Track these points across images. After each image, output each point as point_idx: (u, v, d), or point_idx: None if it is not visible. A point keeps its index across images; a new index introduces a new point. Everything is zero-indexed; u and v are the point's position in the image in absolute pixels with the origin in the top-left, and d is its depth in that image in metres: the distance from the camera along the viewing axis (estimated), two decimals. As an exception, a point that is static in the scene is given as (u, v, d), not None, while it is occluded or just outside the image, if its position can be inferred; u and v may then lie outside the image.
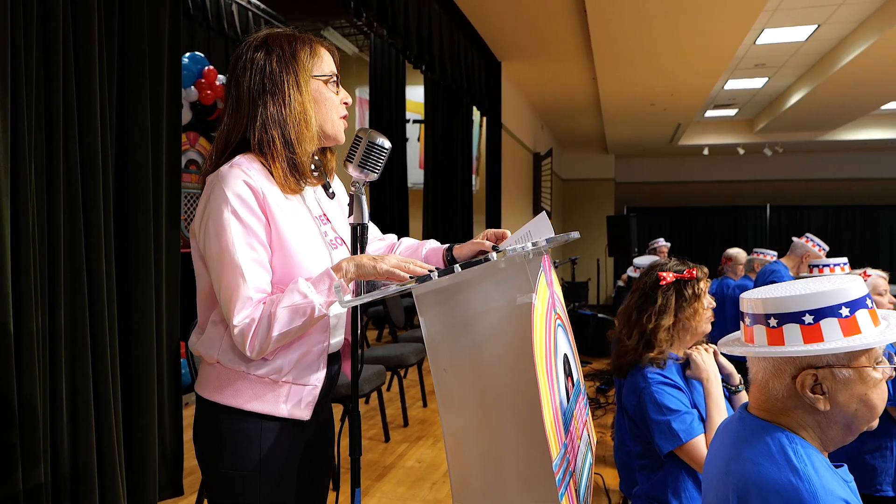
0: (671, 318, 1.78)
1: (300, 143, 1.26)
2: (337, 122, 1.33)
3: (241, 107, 1.28)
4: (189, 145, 4.68)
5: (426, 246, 1.49)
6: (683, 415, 1.67)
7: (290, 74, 1.27)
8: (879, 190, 14.07)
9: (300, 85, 1.27)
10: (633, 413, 1.79)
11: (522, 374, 1.07)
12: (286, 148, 1.25)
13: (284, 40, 1.30)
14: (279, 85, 1.26)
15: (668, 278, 1.79)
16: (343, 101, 1.34)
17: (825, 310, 0.98)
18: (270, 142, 1.25)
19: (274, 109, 1.25)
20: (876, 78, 7.67)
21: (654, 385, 1.72)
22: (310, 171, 1.29)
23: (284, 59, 1.27)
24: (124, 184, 2.50)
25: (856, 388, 0.98)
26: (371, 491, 3.00)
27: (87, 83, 2.24)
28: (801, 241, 4.51)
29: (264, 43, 1.29)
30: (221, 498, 1.29)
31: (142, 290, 2.52)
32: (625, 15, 5.61)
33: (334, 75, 1.33)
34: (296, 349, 1.27)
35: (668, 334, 1.78)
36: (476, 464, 1.15)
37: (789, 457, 0.97)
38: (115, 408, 2.37)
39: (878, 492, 2.33)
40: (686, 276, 1.80)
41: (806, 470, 0.95)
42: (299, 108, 1.26)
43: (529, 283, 1.12)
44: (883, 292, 2.65)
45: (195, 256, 1.30)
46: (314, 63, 1.30)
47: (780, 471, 0.96)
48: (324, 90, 1.31)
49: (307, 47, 1.30)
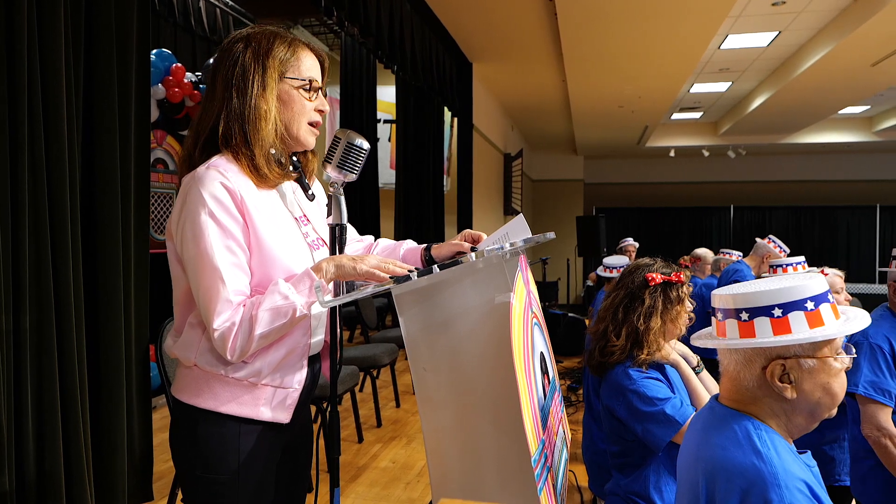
0: (659, 321, 1.80)
1: (256, 141, 1.24)
2: (304, 128, 1.31)
3: (213, 97, 1.28)
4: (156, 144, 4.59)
5: (404, 246, 1.49)
6: (673, 399, 1.69)
7: (259, 71, 1.25)
8: (837, 191, 14.55)
9: (266, 82, 1.25)
10: (619, 414, 1.79)
11: (501, 372, 1.09)
12: (244, 144, 1.24)
13: (266, 37, 1.28)
14: (246, 79, 1.24)
15: (656, 279, 1.81)
16: (318, 109, 1.32)
17: (793, 304, 1.04)
18: (233, 136, 1.24)
19: (237, 102, 1.24)
20: (834, 83, 7.93)
21: (638, 381, 1.73)
22: (271, 170, 1.26)
23: (257, 55, 1.26)
24: (91, 183, 2.44)
25: (819, 377, 1.05)
26: (345, 492, 2.99)
27: (53, 79, 2.19)
28: (764, 242, 4.67)
29: (246, 36, 1.29)
30: (198, 502, 1.27)
31: (110, 291, 2.47)
32: (594, 19, 5.70)
33: (312, 81, 1.30)
34: (275, 351, 1.25)
35: (656, 336, 1.80)
36: (455, 461, 1.17)
37: (754, 442, 1.03)
38: (82, 411, 2.32)
39: (837, 482, 2.41)
40: (673, 279, 1.83)
41: (769, 453, 1.01)
42: (258, 104, 1.24)
43: (507, 282, 1.14)
44: (839, 290, 2.75)
45: (172, 258, 1.28)
46: (290, 65, 1.28)
47: (745, 454, 1.02)
48: (294, 93, 1.29)
49: (286, 47, 1.29)
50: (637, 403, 1.72)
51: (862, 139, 12.22)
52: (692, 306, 1.87)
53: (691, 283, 1.90)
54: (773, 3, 5.82)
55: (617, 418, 1.81)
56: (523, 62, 7.44)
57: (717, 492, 1.02)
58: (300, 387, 1.29)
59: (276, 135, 1.28)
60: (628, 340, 1.80)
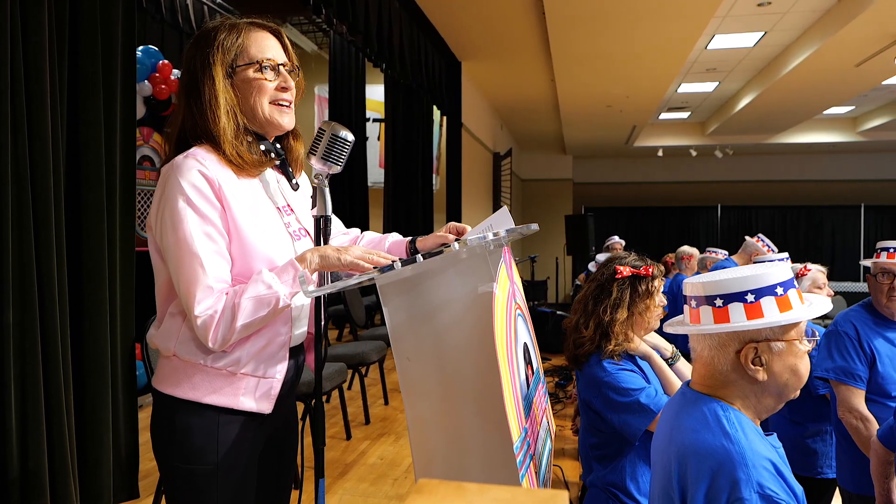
0: (625, 312, 1.81)
1: (219, 135, 1.24)
2: (269, 109, 1.28)
3: (179, 103, 1.30)
4: (143, 141, 4.57)
5: (389, 239, 1.50)
6: (647, 389, 1.71)
7: (206, 67, 1.25)
8: (823, 191, 14.70)
9: (214, 76, 1.25)
10: (596, 406, 1.81)
11: (484, 361, 1.10)
12: (209, 139, 1.25)
13: (210, 31, 1.29)
14: (196, 79, 1.26)
15: (624, 272, 1.83)
16: (280, 87, 1.29)
17: (764, 289, 1.09)
18: (199, 137, 1.26)
19: (194, 104, 1.26)
20: (819, 84, 8.01)
21: (612, 373, 1.75)
22: (245, 160, 1.26)
23: (203, 52, 1.26)
24: (76, 180, 2.43)
25: (788, 359, 1.10)
26: (333, 488, 2.99)
27: (37, 76, 2.18)
28: (753, 240, 4.75)
29: (196, 37, 1.30)
30: (179, 494, 1.26)
31: (95, 289, 2.46)
32: (582, 19, 5.73)
33: (265, 61, 1.28)
34: (255, 341, 1.25)
35: (623, 328, 1.81)
36: (439, 449, 1.18)
37: (723, 424, 1.07)
38: (66, 409, 2.31)
39: (819, 474, 2.45)
40: (642, 272, 1.84)
41: (737, 434, 1.05)
42: (210, 100, 1.24)
43: (490, 272, 1.15)
44: (822, 285, 2.78)
45: (152, 249, 1.28)
46: (237, 51, 1.27)
47: (715, 436, 1.06)
48: (250, 77, 1.27)
49: (229, 33, 1.28)
50: (612, 395, 1.73)
51: (847, 139, 12.36)
52: (663, 301, 1.89)
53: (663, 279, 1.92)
54: (758, 3, 5.88)
55: (594, 410, 1.83)
56: (512, 61, 7.47)
57: (688, 473, 1.05)
58: (282, 377, 1.28)
59: (239, 126, 1.27)
60: (596, 332, 1.81)
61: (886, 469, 1.80)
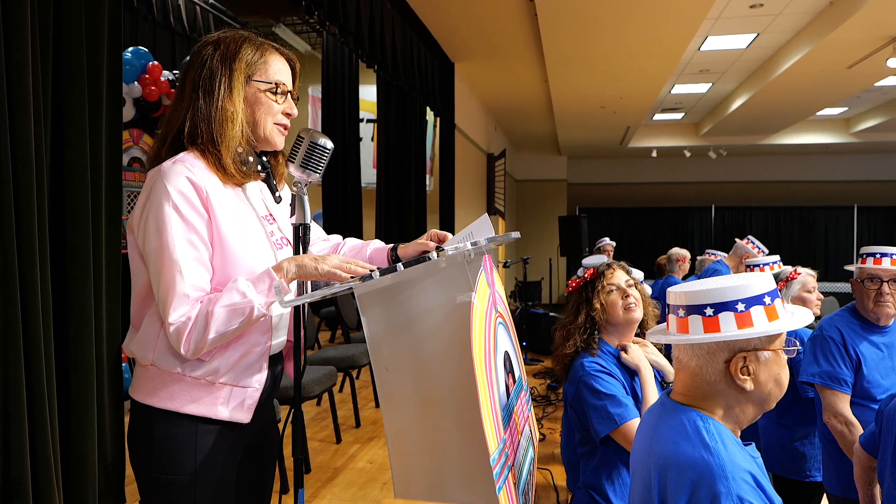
0: (583, 316, 1.94)
1: (222, 142, 1.25)
2: (270, 128, 1.33)
3: (182, 98, 1.29)
4: (132, 142, 4.54)
5: (371, 246, 1.49)
6: (618, 399, 1.76)
7: (226, 72, 1.27)
8: (816, 192, 14.75)
9: (232, 84, 1.27)
10: (571, 401, 1.89)
11: (462, 372, 1.09)
12: (211, 143, 1.25)
13: (235, 40, 1.30)
14: (213, 81, 1.26)
15: (572, 285, 2.00)
16: (285, 112, 1.34)
17: (753, 298, 1.08)
18: (200, 135, 1.25)
19: (203, 104, 1.26)
20: (811, 85, 8.04)
21: (591, 372, 1.82)
22: (237, 170, 1.27)
23: (225, 58, 1.28)
24: (60, 182, 2.41)
25: (773, 369, 1.10)
26: (321, 493, 2.98)
27: (19, 74, 2.15)
28: (743, 242, 4.75)
29: (216, 40, 1.31)
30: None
31: (79, 292, 2.43)
32: (574, 20, 5.72)
33: (280, 85, 1.32)
34: (234, 350, 1.24)
35: (582, 327, 1.93)
36: (418, 460, 1.16)
37: (702, 435, 1.07)
38: (50, 415, 2.28)
39: (808, 477, 2.45)
40: (587, 276, 1.98)
41: (716, 446, 1.05)
42: (225, 106, 1.26)
43: (469, 282, 1.14)
44: (812, 289, 2.79)
45: (132, 252, 1.28)
46: (258, 67, 1.30)
47: (694, 448, 1.05)
48: (261, 96, 1.31)
49: (254, 50, 1.31)
50: (585, 393, 1.81)
51: (840, 140, 12.41)
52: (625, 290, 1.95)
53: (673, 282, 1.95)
54: (751, 5, 5.89)
55: (573, 407, 1.91)
56: (505, 63, 7.46)
57: (668, 485, 1.05)
58: (260, 387, 1.28)
59: (243, 136, 1.29)
60: (567, 342, 1.95)
61: (870, 475, 1.80)
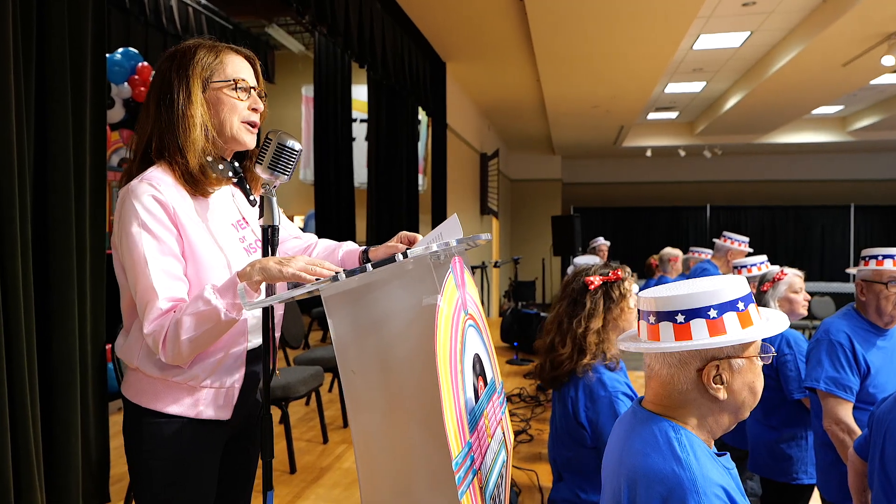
0: (600, 321, 1.80)
1: (188, 147, 1.28)
2: (238, 126, 1.36)
3: (148, 115, 1.33)
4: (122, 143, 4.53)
5: (343, 248, 1.51)
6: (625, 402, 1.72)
7: (183, 80, 1.30)
8: (812, 191, 14.76)
9: (191, 89, 1.30)
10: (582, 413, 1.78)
11: (426, 375, 1.09)
12: (178, 153, 1.28)
13: (188, 48, 1.34)
14: (172, 91, 1.30)
15: (595, 282, 1.82)
16: (252, 108, 1.36)
17: (726, 304, 1.04)
18: (166, 146, 1.29)
19: (166, 115, 1.29)
20: (806, 83, 8.04)
21: (615, 394, 1.73)
22: (206, 177, 1.30)
23: (180, 66, 1.31)
24: (43, 183, 2.40)
25: (747, 377, 1.06)
26: (306, 493, 2.98)
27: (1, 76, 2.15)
28: (720, 241, 4.58)
29: (172, 52, 1.35)
30: (147, 494, 1.33)
31: (62, 292, 2.43)
32: (564, 19, 5.72)
33: (240, 81, 1.34)
34: (212, 355, 1.31)
35: (598, 337, 1.80)
36: (385, 464, 1.16)
37: (674, 447, 1.03)
38: (33, 415, 2.28)
39: (795, 480, 2.41)
40: (612, 277, 1.83)
41: (688, 459, 1.01)
42: (186, 113, 1.29)
43: (436, 284, 1.13)
44: (798, 290, 2.75)
45: (116, 266, 1.34)
46: (215, 69, 1.33)
47: (665, 461, 1.02)
48: (222, 95, 1.33)
49: (208, 52, 1.33)
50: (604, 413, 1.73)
51: (836, 139, 12.41)
52: None
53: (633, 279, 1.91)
54: (743, 3, 5.88)
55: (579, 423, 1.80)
56: (497, 62, 7.45)
57: (638, 498, 1.02)
58: (239, 385, 1.35)
59: (208, 139, 1.32)
60: (574, 349, 1.80)
61: (864, 480, 1.75)
